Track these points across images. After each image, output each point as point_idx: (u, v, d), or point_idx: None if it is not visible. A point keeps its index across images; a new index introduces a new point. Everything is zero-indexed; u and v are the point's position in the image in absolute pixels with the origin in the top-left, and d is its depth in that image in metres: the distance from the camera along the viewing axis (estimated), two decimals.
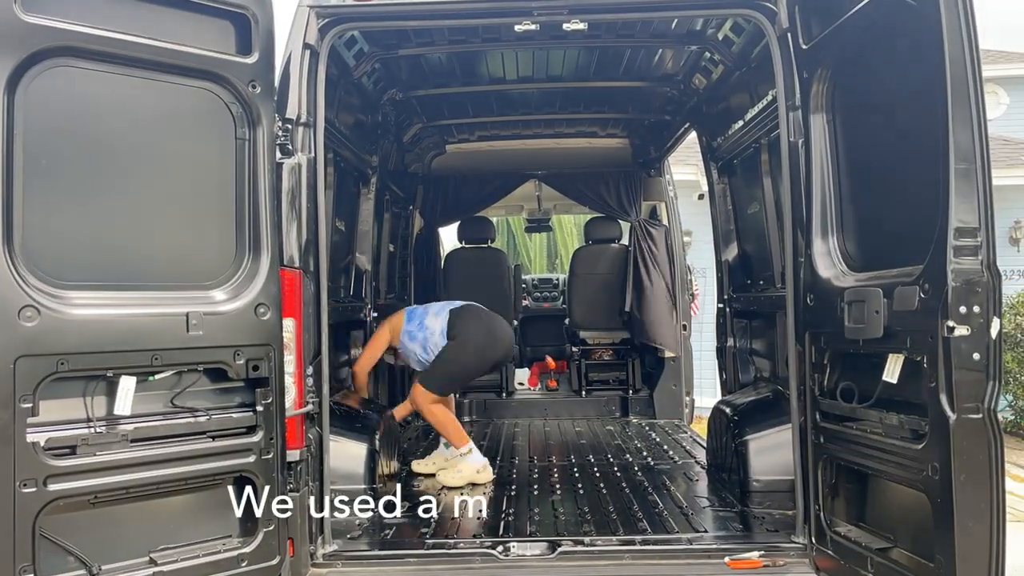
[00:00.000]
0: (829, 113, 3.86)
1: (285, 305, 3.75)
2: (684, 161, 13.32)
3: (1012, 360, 11.36)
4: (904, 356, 3.20)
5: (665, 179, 8.52)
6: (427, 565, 4.01)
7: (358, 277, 6.37)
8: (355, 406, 5.79)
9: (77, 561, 3.13)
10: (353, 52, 5.28)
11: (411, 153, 7.87)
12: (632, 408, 8.42)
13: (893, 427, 3.27)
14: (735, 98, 5.72)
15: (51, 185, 3.08)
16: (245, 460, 3.55)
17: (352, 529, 4.44)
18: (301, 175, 3.96)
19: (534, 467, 6.16)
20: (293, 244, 3.91)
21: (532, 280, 10.85)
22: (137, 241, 3.34)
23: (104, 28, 3.16)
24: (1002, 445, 2.90)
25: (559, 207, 10.39)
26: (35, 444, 2.99)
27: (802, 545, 3.98)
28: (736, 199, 6.38)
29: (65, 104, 3.12)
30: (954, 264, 2.90)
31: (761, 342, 6.20)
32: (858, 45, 3.57)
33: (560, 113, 7.40)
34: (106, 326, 3.18)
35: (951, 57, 2.90)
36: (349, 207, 6.23)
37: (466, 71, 6.21)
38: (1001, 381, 2.92)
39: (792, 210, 4.10)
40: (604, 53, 5.88)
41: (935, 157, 2.96)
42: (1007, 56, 18.17)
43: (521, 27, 4.24)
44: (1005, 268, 3.93)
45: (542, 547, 4.08)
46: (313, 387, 4.04)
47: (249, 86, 3.56)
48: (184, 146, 3.46)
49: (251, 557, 3.54)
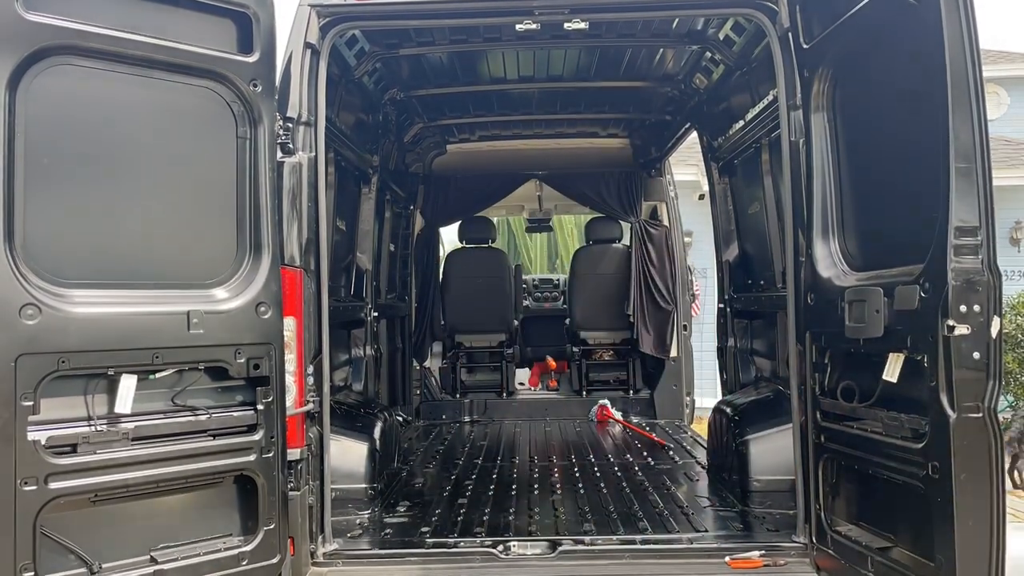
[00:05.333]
0: (830, 113, 3.86)
1: (286, 304, 3.75)
2: (685, 161, 13.33)
3: (1013, 360, 11.35)
4: (904, 355, 3.19)
5: (666, 179, 8.52)
6: (428, 564, 4.01)
7: (359, 276, 6.37)
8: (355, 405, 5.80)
9: (78, 559, 3.13)
10: (354, 51, 5.28)
11: (412, 153, 7.88)
12: (633, 408, 8.42)
13: (893, 426, 3.27)
14: (736, 98, 5.72)
15: (52, 183, 3.08)
16: (246, 459, 3.55)
17: (353, 528, 4.45)
18: (302, 174, 3.97)
19: (535, 467, 6.16)
20: (294, 243, 3.91)
21: (533, 280, 10.85)
22: (138, 239, 3.34)
23: (105, 26, 3.17)
24: (1002, 444, 2.91)
25: (560, 207, 10.39)
26: (36, 442, 2.99)
27: (803, 544, 3.98)
28: (737, 199, 6.38)
29: (66, 102, 3.12)
30: (954, 263, 2.90)
31: (761, 342, 6.20)
32: (859, 45, 3.57)
33: (561, 113, 7.40)
34: (107, 324, 3.18)
35: (952, 57, 2.90)
36: (350, 206, 6.23)
37: (467, 71, 6.21)
38: (1001, 380, 2.91)
39: (793, 210, 4.10)
40: (605, 53, 5.88)
41: (936, 156, 2.96)
42: (1007, 56, 18.17)
43: (522, 26, 4.24)
44: (1005, 268, 3.93)
45: (542, 546, 4.08)
46: (314, 386, 4.05)
47: (250, 85, 3.56)
48: (185, 145, 3.46)
49: (252, 556, 3.54)
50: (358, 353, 6.40)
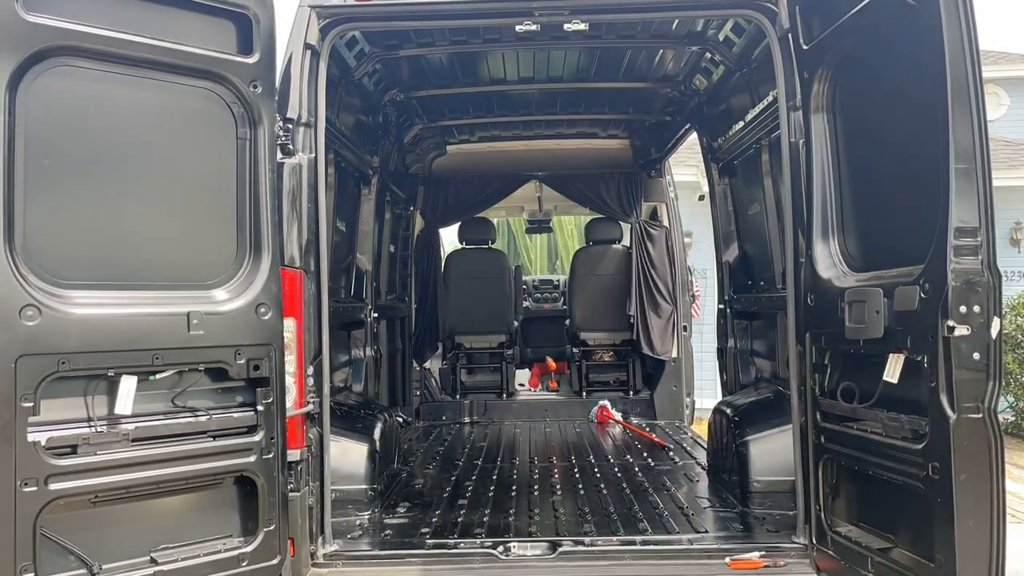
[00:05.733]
0: (830, 113, 3.86)
1: (286, 305, 3.76)
2: (684, 162, 13.34)
3: (1013, 361, 11.35)
4: (904, 356, 3.19)
5: (666, 180, 8.53)
6: (428, 565, 4.01)
7: (359, 277, 6.37)
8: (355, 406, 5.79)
9: (78, 560, 3.13)
10: (354, 52, 5.28)
11: (412, 154, 7.88)
12: (633, 409, 8.43)
13: (893, 427, 3.27)
14: (736, 99, 5.73)
15: (52, 184, 3.08)
16: (246, 460, 3.55)
17: (353, 529, 4.45)
18: (302, 175, 3.97)
19: (535, 468, 6.16)
20: (294, 244, 3.92)
21: (533, 281, 10.86)
22: (138, 240, 3.34)
23: (106, 28, 3.17)
24: (1002, 445, 2.91)
25: (560, 208, 10.40)
26: (36, 443, 2.99)
27: (803, 545, 3.98)
28: (737, 200, 6.38)
29: (67, 103, 3.12)
30: (954, 264, 2.90)
31: (761, 343, 6.20)
32: (859, 45, 3.57)
33: (561, 114, 7.40)
34: (107, 325, 3.18)
35: (951, 57, 2.90)
36: (350, 207, 6.23)
37: (467, 72, 6.21)
38: (1001, 381, 2.91)
39: (793, 210, 4.10)
40: (605, 54, 5.88)
41: (935, 157, 2.96)
42: (1007, 56, 18.18)
43: (522, 27, 4.25)
44: (1005, 269, 3.93)
45: (543, 547, 4.08)
46: (314, 387, 4.05)
47: (250, 86, 3.56)
48: (185, 146, 3.47)
49: (252, 557, 3.54)
50: (358, 354, 6.40)
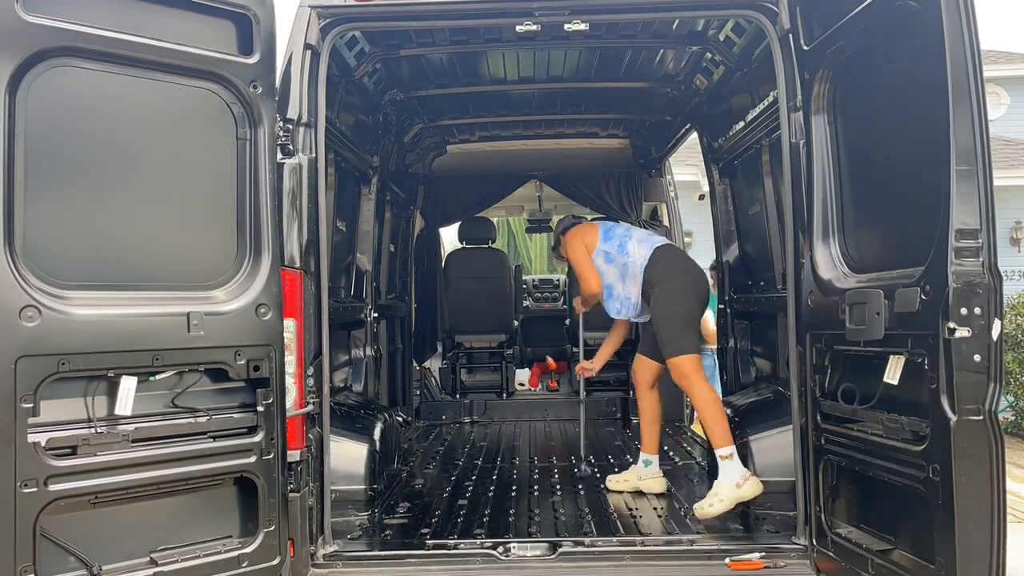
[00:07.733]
0: (830, 114, 3.85)
1: (286, 305, 3.75)
2: (685, 162, 13.35)
3: (1013, 361, 11.35)
4: (905, 357, 3.19)
5: (666, 180, 8.52)
6: (427, 566, 4.01)
7: (359, 277, 6.37)
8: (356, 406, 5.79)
9: (78, 561, 3.13)
10: (354, 52, 5.28)
11: (412, 153, 7.87)
12: (633, 409, 8.42)
13: (894, 429, 3.26)
14: (736, 99, 5.72)
15: (52, 185, 3.08)
16: (246, 460, 3.55)
17: (352, 530, 4.45)
18: (302, 175, 3.96)
19: (535, 468, 6.15)
20: (294, 244, 3.91)
21: (533, 281, 10.86)
22: (138, 241, 3.34)
23: (105, 28, 3.16)
24: (1003, 446, 2.90)
25: (560, 207, 10.38)
26: (36, 444, 2.99)
27: (802, 546, 3.98)
28: (737, 200, 6.38)
29: (67, 104, 3.12)
30: (955, 266, 2.89)
31: (762, 343, 6.20)
32: (859, 46, 3.57)
33: (561, 114, 7.40)
34: (107, 326, 3.18)
35: (952, 58, 2.89)
36: (350, 207, 6.23)
37: (467, 72, 6.21)
38: (1002, 383, 2.91)
39: (793, 211, 4.09)
40: (605, 54, 5.88)
41: (936, 158, 2.96)
42: (1007, 56, 18.18)
43: (522, 28, 4.24)
44: (1006, 269, 3.94)
45: (543, 548, 4.08)
46: (314, 387, 4.04)
47: (250, 86, 3.56)
48: (185, 146, 3.46)
49: (251, 557, 3.54)
50: (358, 354, 6.40)
